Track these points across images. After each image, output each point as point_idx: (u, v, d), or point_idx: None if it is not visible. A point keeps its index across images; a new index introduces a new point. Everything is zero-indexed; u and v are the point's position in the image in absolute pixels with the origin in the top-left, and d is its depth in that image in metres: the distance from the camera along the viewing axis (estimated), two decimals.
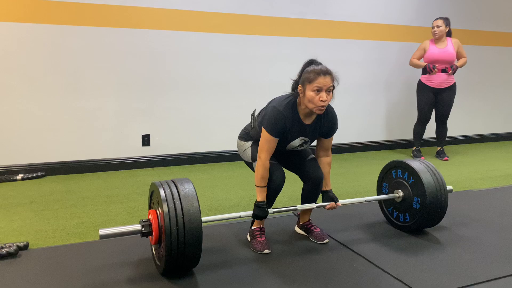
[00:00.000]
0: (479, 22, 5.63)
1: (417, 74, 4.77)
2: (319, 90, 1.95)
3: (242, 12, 4.36)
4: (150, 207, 2.03)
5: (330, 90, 1.97)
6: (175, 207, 1.76)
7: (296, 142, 2.16)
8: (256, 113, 2.25)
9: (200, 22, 4.19)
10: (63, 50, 3.77)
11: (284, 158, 2.26)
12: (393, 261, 2.06)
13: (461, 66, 4.59)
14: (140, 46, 4.01)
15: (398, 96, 5.32)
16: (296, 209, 2.21)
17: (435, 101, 4.63)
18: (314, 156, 2.29)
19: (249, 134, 2.28)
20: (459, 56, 4.58)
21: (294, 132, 2.11)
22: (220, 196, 3.22)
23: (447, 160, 4.70)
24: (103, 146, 4.02)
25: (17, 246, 2.13)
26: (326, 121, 2.15)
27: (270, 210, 2.11)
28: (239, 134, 2.37)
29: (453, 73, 4.48)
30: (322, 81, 1.94)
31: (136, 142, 4.15)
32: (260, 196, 2.09)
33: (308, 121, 2.11)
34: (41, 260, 2.07)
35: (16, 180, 3.59)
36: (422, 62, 4.57)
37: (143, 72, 4.07)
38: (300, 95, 2.03)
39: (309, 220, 2.37)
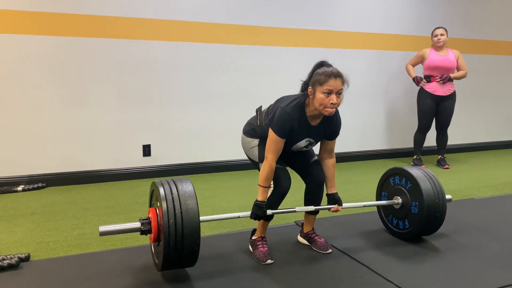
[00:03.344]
0: (479, 31, 5.67)
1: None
2: (329, 93, 1.95)
3: (243, 23, 4.40)
4: (150, 206, 2.04)
5: (340, 92, 1.98)
6: (173, 201, 1.78)
7: (302, 143, 2.16)
8: (263, 109, 2.24)
9: (201, 33, 4.23)
10: (63, 61, 3.79)
11: (288, 158, 2.25)
12: (395, 269, 2.05)
13: (459, 78, 4.60)
14: (141, 56, 4.04)
15: (398, 104, 5.35)
16: (295, 211, 2.20)
17: (436, 110, 4.65)
18: (318, 159, 2.29)
19: (255, 130, 2.27)
20: (458, 67, 4.60)
21: (301, 133, 2.11)
22: (221, 205, 3.22)
23: (448, 168, 4.70)
24: (104, 157, 4.03)
25: (19, 257, 2.13)
26: (332, 124, 2.15)
27: (269, 212, 2.11)
28: (244, 129, 2.35)
29: (443, 81, 4.49)
30: (333, 83, 1.95)
31: (137, 153, 4.15)
32: (261, 196, 2.09)
33: (314, 123, 2.11)
34: (42, 271, 2.07)
35: (16, 191, 3.59)
36: (412, 73, 4.66)
37: (144, 83, 4.09)
38: (310, 96, 2.03)
39: (312, 229, 2.37)
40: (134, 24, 3.97)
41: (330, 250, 2.27)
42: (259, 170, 2.19)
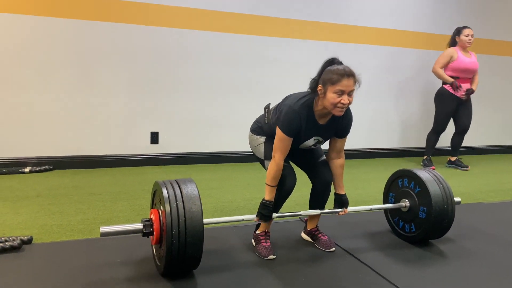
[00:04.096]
0: (494, 31, 5.54)
1: (433, 83, 4.71)
2: (341, 93, 1.89)
3: (255, 13, 4.34)
4: (152, 207, 2.01)
5: (351, 92, 1.92)
6: (177, 207, 1.74)
7: (310, 142, 2.12)
8: (271, 107, 2.20)
9: (213, 21, 4.18)
10: (75, 44, 3.78)
11: (295, 156, 2.22)
12: (399, 272, 2.01)
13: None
14: (152, 43, 4.01)
15: (411, 103, 5.26)
16: (300, 215, 2.18)
17: (455, 112, 4.56)
18: (326, 159, 2.25)
19: (262, 128, 2.23)
20: None
21: (309, 132, 2.06)
22: (226, 197, 3.20)
23: (468, 169, 4.64)
24: (111, 142, 4.02)
25: (21, 240, 2.13)
26: (342, 122, 2.10)
27: (274, 215, 2.09)
28: (251, 127, 2.31)
29: (467, 95, 4.44)
30: (346, 83, 1.88)
31: (144, 140, 4.15)
32: (269, 195, 2.06)
33: (323, 121, 2.06)
34: (44, 255, 2.07)
35: (23, 172, 3.60)
36: (449, 78, 4.44)
37: (154, 70, 4.07)
38: (320, 95, 1.96)
39: (316, 226, 2.34)
40: (148, 10, 3.94)
41: (333, 249, 2.24)
42: (265, 168, 2.16)
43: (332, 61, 1.97)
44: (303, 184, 2.35)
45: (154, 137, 4.17)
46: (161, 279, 1.85)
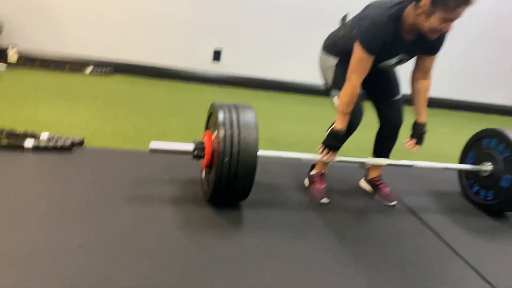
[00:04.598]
0: None
1: None
2: (449, 21, 1.56)
3: None
4: (206, 129, 1.87)
5: None
6: (232, 134, 1.58)
7: (392, 60, 1.81)
8: (349, 18, 1.86)
9: None
10: None
11: (369, 81, 1.82)
12: (466, 243, 1.78)
13: None
14: None
15: None
16: (364, 163, 1.96)
17: None
18: (400, 98, 1.95)
19: (336, 45, 1.89)
20: None
21: (393, 49, 1.74)
22: (283, 129, 3.00)
23: None
24: (174, 54, 3.89)
25: (72, 141, 2.09)
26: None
27: (337, 157, 1.87)
28: (323, 44, 1.97)
29: None
30: (460, 13, 1.54)
31: (207, 56, 3.97)
32: (341, 124, 1.79)
33: (410, 37, 1.71)
34: (92, 159, 2.03)
35: (85, 72, 3.58)
36: None
37: None
38: (419, 11, 1.58)
39: (379, 175, 2.11)
40: None
41: (395, 202, 2.03)
42: (331, 97, 1.90)
43: None
44: (367, 127, 2.07)
45: (217, 55, 3.97)
46: (205, 205, 1.75)
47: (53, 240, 1.38)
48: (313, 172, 2.05)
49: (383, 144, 2.03)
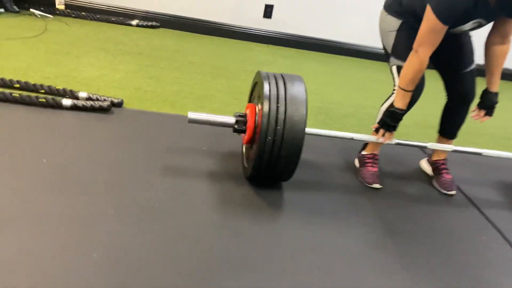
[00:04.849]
0: None
1: None
2: None
3: None
4: (250, 100, 1.70)
5: None
6: (277, 110, 1.42)
7: (468, 25, 1.54)
8: None
9: None
10: None
11: (438, 48, 1.56)
12: None
13: None
14: None
15: None
16: (425, 147, 1.73)
17: None
18: (473, 68, 1.69)
19: (401, 4, 1.63)
20: None
21: (473, 13, 1.47)
22: (333, 98, 2.77)
23: None
24: (222, 9, 3.67)
25: (111, 102, 2.00)
26: None
27: (394, 140, 1.66)
28: (386, 2, 1.72)
29: None
30: None
31: (257, 12, 3.71)
32: (400, 102, 1.57)
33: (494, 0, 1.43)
34: (131, 122, 1.95)
35: (131, 25, 3.45)
36: None
37: None
38: None
39: (445, 158, 1.87)
40: None
41: (453, 192, 1.81)
42: (390, 66, 1.67)
43: None
44: (429, 99, 1.81)
45: (268, 11, 3.71)
46: (244, 183, 1.62)
47: (83, 207, 1.33)
48: (364, 152, 1.85)
49: (450, 121, 1.80)
